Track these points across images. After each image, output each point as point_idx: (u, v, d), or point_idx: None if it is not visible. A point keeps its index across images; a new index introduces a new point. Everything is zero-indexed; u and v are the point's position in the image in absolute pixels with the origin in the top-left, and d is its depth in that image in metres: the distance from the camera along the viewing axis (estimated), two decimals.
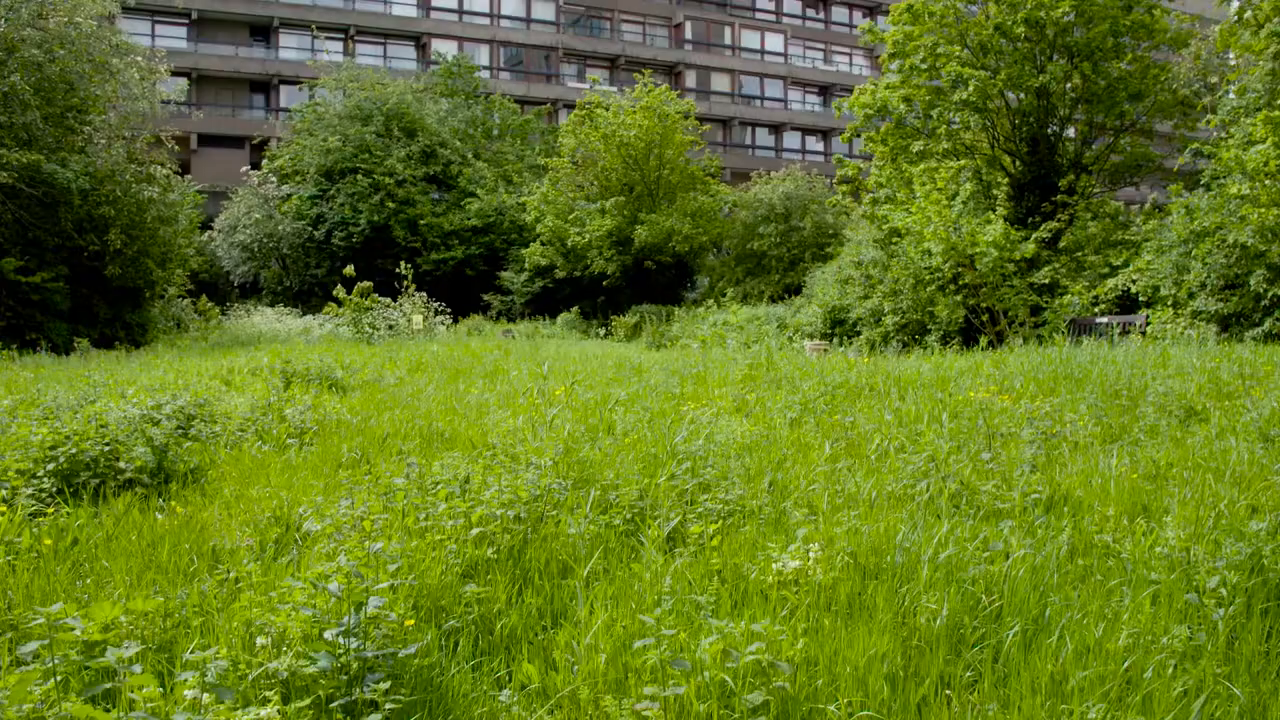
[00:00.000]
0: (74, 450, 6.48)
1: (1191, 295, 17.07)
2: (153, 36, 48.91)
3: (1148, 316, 17.65)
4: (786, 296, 31.11)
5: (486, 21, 58.42)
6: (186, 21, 52.29)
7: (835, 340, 22.25)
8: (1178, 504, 5.57)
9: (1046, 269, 20.05)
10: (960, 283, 19.71)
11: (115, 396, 9.63)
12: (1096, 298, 19.10)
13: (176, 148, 27.87)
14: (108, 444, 6.68)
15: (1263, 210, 15.04)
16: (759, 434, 8.01)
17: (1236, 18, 19.48)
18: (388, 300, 27.38)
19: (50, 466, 6.33)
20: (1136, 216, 22.27)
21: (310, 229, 38.36)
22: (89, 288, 23.55)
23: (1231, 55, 20.56)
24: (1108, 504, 5.71)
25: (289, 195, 39.46)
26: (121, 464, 6.60)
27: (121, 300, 24.50)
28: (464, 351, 18.02)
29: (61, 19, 22.73)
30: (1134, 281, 18.74)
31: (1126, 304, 19.02)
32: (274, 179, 40.09)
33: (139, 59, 25.78)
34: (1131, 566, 4.61)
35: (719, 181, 38.21)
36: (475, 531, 4.89)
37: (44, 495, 6.04)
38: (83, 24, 23.04)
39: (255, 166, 42.08)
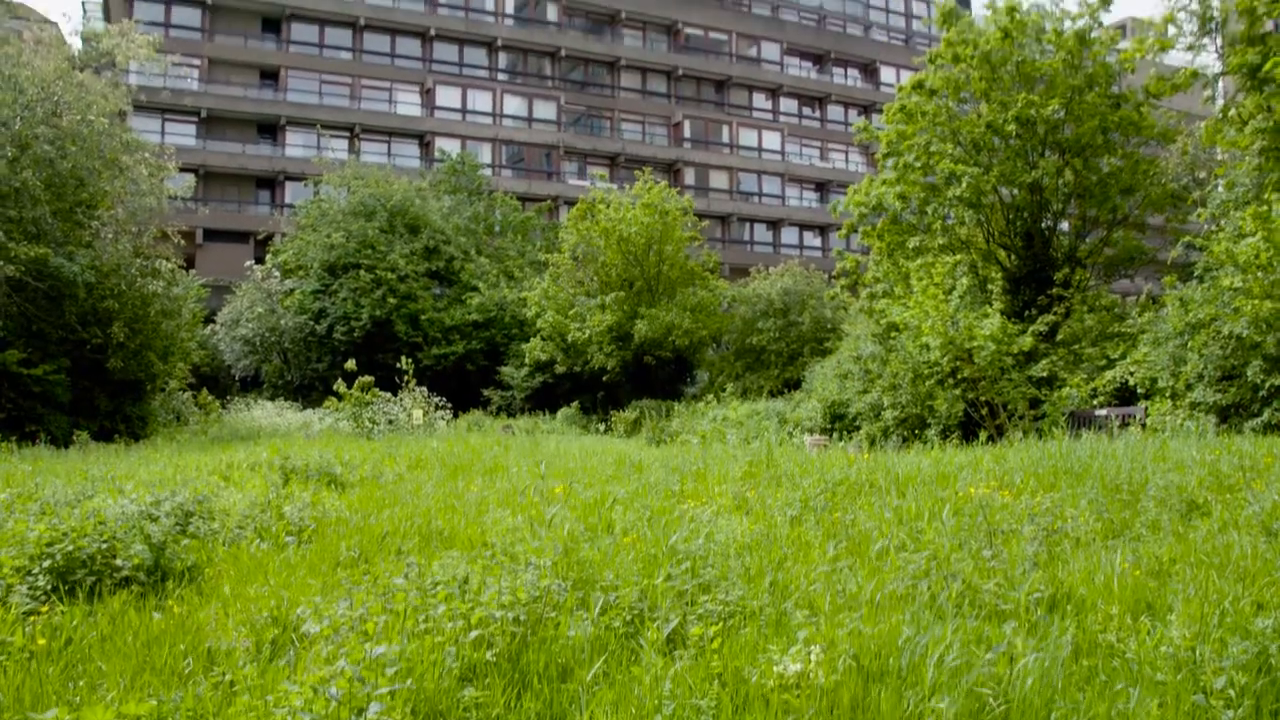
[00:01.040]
0: (71, 547, 6.45)
1: (1189, 386, 17.12)
2: (162, 134, 49.91)
3: (1146, 408, 17.66)
4: (786, 391, 31.15)
5: (489, 121, 59.64)
6: (196, 119, 53.39)
7: (835, 435, 22.22)
8: (1182, 601, 5.53)
9: (1044, 362, 20.13)
10: (959, 376, 19.78)
11: (114, 492, 9.60)
12: (1095, 390, 19.14)
13: (182, 242, 28.22)
14: (105, 541, 6.65)
15: (1256, 302, 15.18)
16: (759, 532, 7.97)
17: (1221, 115, 19.90)
18: (388, 395, 27.42)
19: (46, 564, 6.30)
20: (1132, 308, 22.43)
21: (312, 323, 38.62)
22: (90, 380, 23.63)
23: (1218, 150, 20.96)
24: (1111, 602, 5.67)
25: (292, 290, 39.81)
26: (118, 561, 6.56)
27: (122, 393, 24.56)
28: (464, 447, 18.00)
29: (75, 117, 23.22)
30: (1132, 373, 18.80)
31: (1125, 395, 19.05)
32: (277, 274, 40.50)
33: (148, 156, 26.29)
34: (1137, 667, 4.56)
35: (718, 277, 38.56)
36: (474, 634, 4.84)
37: (39, 593, 6.00)
38: (95, 122, 23.52)
39: (259, 261, 42.55)
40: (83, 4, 57.37)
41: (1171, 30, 19.86)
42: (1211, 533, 7.33)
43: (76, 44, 31.88)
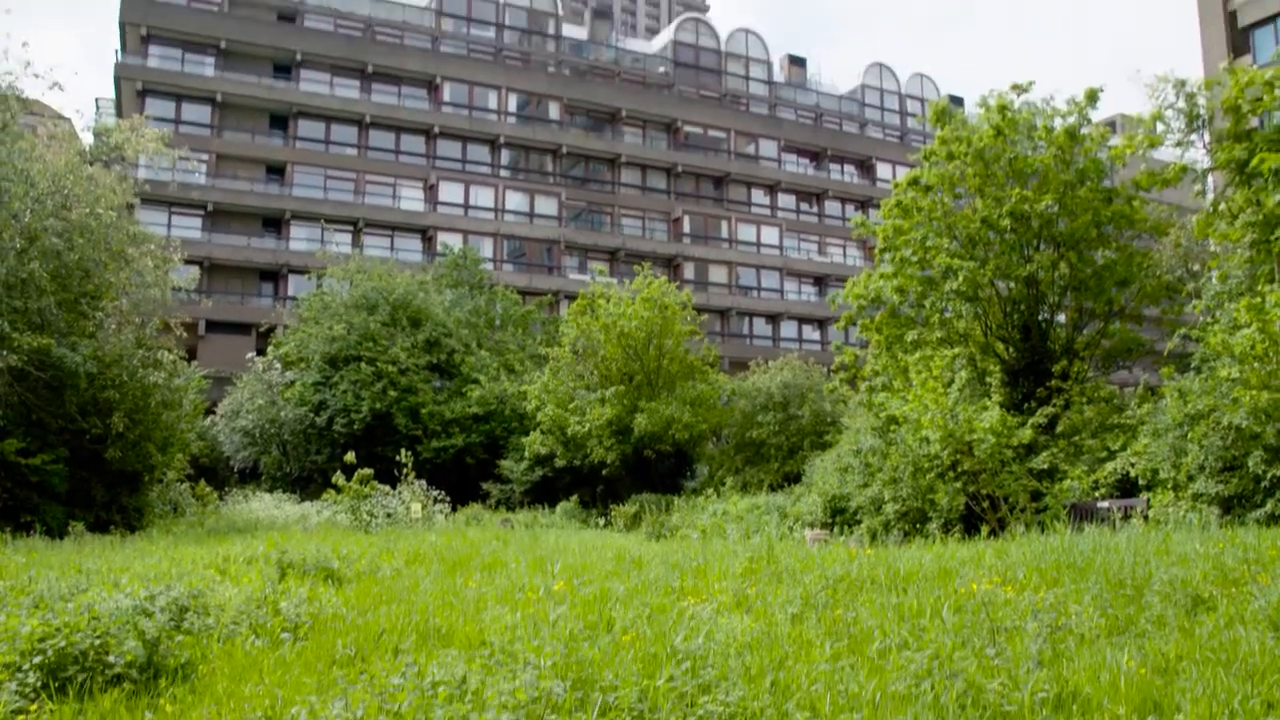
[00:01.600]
0: (63, 643, 6.38)
1: (1191, 478, 17.06)
2: (169, 226, 50.63)
3: (1148, 500, 17.57)
4: (786, 485, 31.01)
5: (491, 216, 60.51)
6: (202, 212, 54.20)
7: (836, 529, 22.06)
8: (1189, 701, 5.45)
9: (1045, 454, 20.09)
10: (959, 469, 19.72)
11: (108, 585, 9.51)
12: (1096, 482, 19.07)
13: (184, 334, 28.39)
14: (98, 637, 6.58)
15: (1254, 393, 15.22)
16: (760, 631, 7.88)
17: (1212, 208, 20.21)
18: (387, 488, 27.30)
19: (37, 660, 6.22)
20: (1131, 400, 22.46)
21: (312, 415, 38.62)
22: (88, 470, 23.54)
23: (1211, 242, 21.24)
24: (1117, 701, 5.58)
25: (292, 382, 39.91)
26: (111, 658, 6.48)
27: (120, 484, 24.45)
28: (462, 542, 17.86)
29: (84, 210, 23.55)
30: (1133, 465, 18.75)
31: (1126, 487, 18.97)
32: (278, 365, 40.64)
33: (154, 248, 26.58)
34: None
35: (717, 371, 38.68)
36: None
37: (28, 690, 5.91)
38: (103, 214, 23.85)
39: (261, 353, 42.75)
40: (96, 101, 58.69)
41: (1160, 127, 20.29)
42: (1218, 628, 7.24)
43: (88, 139, 32.50)
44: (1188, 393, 17.35)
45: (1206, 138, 20.23)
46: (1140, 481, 18.40)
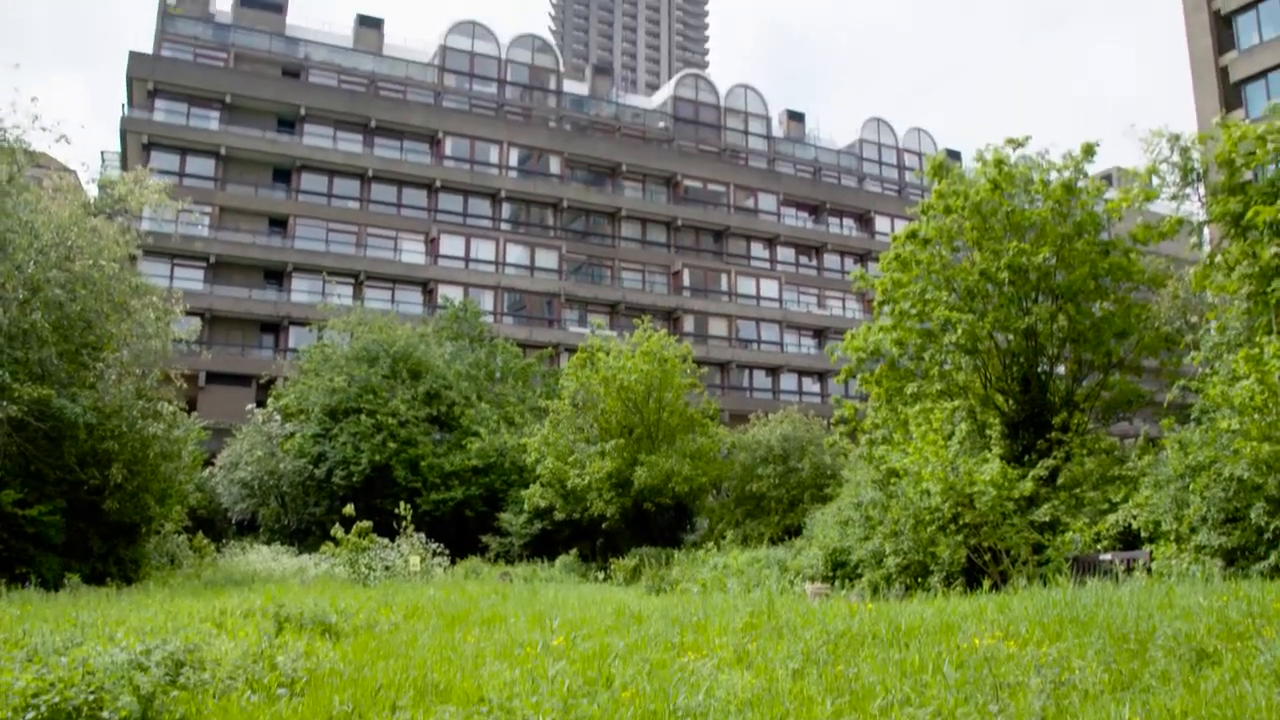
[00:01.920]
0: (57, 699, 6.32)
1: (1193, 530, 16.96)
2: (171, 278, 50.94)
3: (1151, 552, 17.47)
4: (786, 538, 30.83)
5: (491, 269, 60.84)
6: (205, 264, 54.50)
7: (837, 583, 21.90)
8: None
9: (1046, 506, 20.00)
10: (960, 522, 19.61)
11: (103, 639, 9.44)
12: (1098, 534, 18.97)
13: (184, 385, 28.39)
14: (93, 692, 6.52)
15: (1255, 444, 15.19)
16: (760, 687, 7.80)
17: (1208, 261, 20.31)
18: (385, 540, 27.15)
19: (30, 716, 6.16)
20: (1132, 451, 22.39)
21: (311, 467, 38.51)
22: (85, 521, 23.42)
23: (1208, 293, 21.31)
24: None
25: (292, 433, 39.84)
26: (105, 714, 6.42)
27: (117, 535, 24.31)
28: (461, 595, 17.74)
29: (87, 261, 23.65)
30: (1134, 517, 18.66)
31: (1129, 539, 18.86)
32: (278, 417, 40.60)
33: (156, 300, 26.65)
34: None
35: (717, 424, 38.62)
36: None
37: None
38: (106, 266, 23.95)
39: (261, 404, 42.73)
40: (101, 153, 59.29)
41: (1155, 181, 20.44)
42: (1223, 683, 7.17)
43: (93, 191, 32.74)
44: (1188, 444, 17.32)
45: (1202, 191, 20.40)
46: (1142, 534, 18.31)
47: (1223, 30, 45.80)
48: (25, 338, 21.94)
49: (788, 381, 68.50)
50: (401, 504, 28.76)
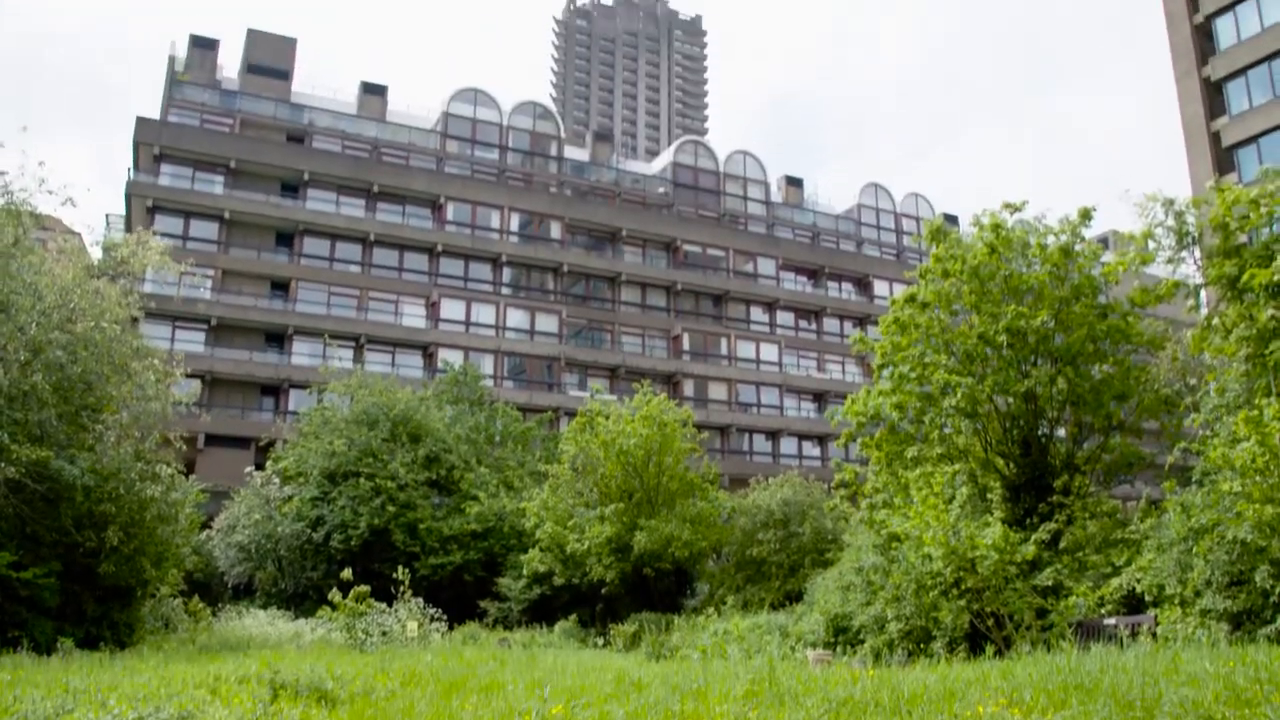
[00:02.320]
0: None
1: (1198, 593, 16.81)
2: (172, 340, 51.13)
3: (1156, 616, 17.30)
4: (788, 603, 30.55)
5: (492, 333, 61.07)
6: (206, 327, 54.69)
7: (839, 649, 21.67)
8: None
9: (1049, 570, 19.85)
10: (963, 587, 19.46)
11: (95, 705, 9.32)
12: (1102, 598, 18.80)
13: (183, 447, 28.33)
14: None
15: (1257, 506, 15.12)
16: None
17: (1206, 323, 20.38)
18: (383, 605, 26.90)
19: None
20: (1134, 514, 22.26)
21: (309, 531, 38.28)
22: (80, 584, 23.21)
23: (1207, 355, 21.36)
24: None
25: (290, 497, 39.67)
26: None
27: (111, 598, 24.08)
28: (459, 662, 17.54)
29: (89, 323, 23.73)
30: (1138, 580, 18.51)
31: (1133, 603, 18.69)
32: (277, 480, 40.45)
33: (156, 362, 26.68)
34: None
35: (717, 488, 38.47)
36: None
37: None
38: (107, 328, 24.02)
39: (260, 467, 42.61)
40: (106, 216, 59.80)
41: (1151, 245, 20.60)
42: None
43: (97, 253, 32.96)
44: (1190, 507, 17.24)
45: (1197, 254, 20.54)
46: (1146, 597, 18.15)
47: (1214, 96, 46.54)
48: (25, 399, 21.93)
49: (788, 445, 68.37)
50: (400, 568, 28.54)
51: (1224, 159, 45.17)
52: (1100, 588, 19.14)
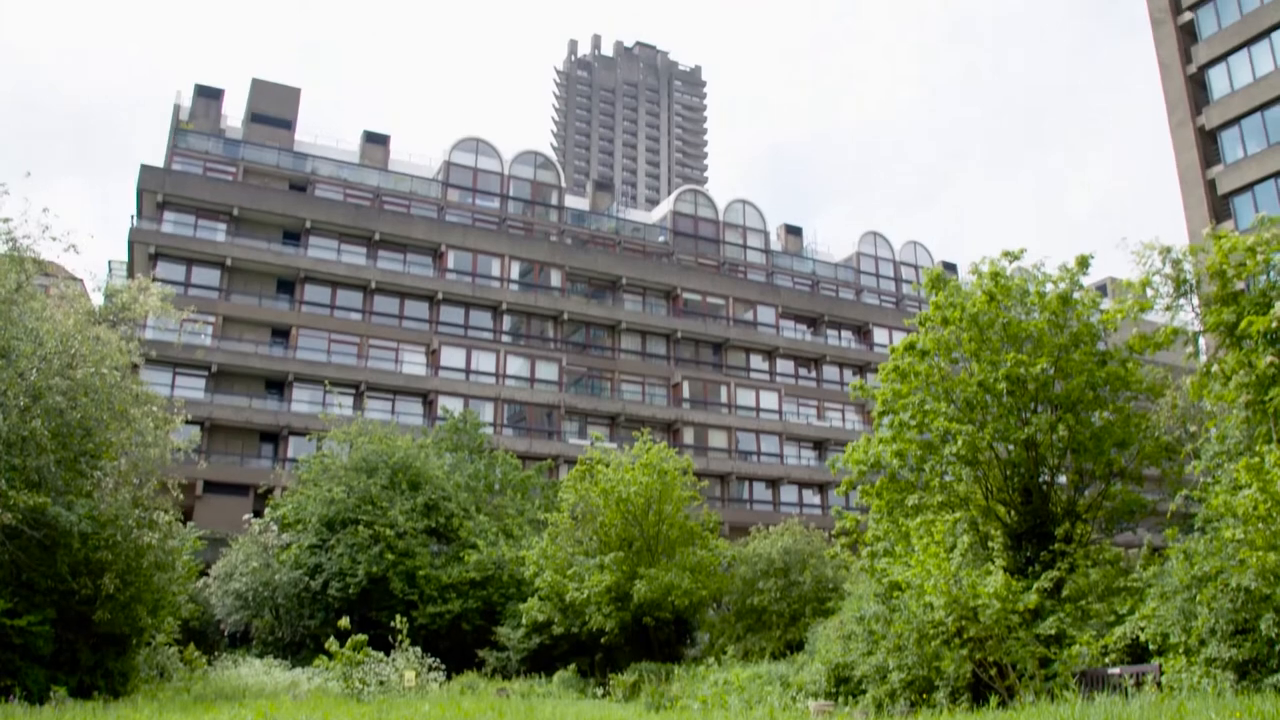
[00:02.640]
0: None
1: (1203, 642, 16.67)
2: (172, 386, 51.16)
3: (1160, 665, 17.14)
4: (788, 652, 30.30)
5: (492, 381, 61.12)
6: (206, 373, 54.74)
7: (840, 699, 21.45)
8: None
9: (1052, 619, 19.70)
10: (965, 636, 19.31)
11: None
12: (1106, 647, 18.64)
13: (181, 495, 28.22)
14: None
15: (1261, 554, 15.05)
16: None
17: (1205, 370, 20.40)
18: (380, 654, 26.68)
19: None
20: (1137, 562, 22.13)
21: (307, 579, 38.02)
22: (75, 632, 22.99)
23: (1206, 402, 21.35)
24: None
25: (288, 544, 39.45)
26: None
27: (106, 646, 23.85)
28: (456, 712, 17.38)
29: (89, 369, 23.73)
30: (1142, 629, 18.36)
31: (1137, 652, 18.53)
32: (274, 527, 40.25)
33: (156, 409, 26.66)
34: None
35: (717, 536, 38.28)
36: None
37: None
38: (107, 374, 24.02)
39: (258, 514, 42.46)
40: (109, 262, 60.07)
41: (1149, 292, 20.68)
42: None
43: (98, 299, 33.07)
44: (1193, 554, 17.16)
45: (1195, 301, 20.61)
46: (1150, 646, 18.00)
47: (1208, 144, 47.02)
48: (24, 445, 21.87)
49: (788, 493, 68.14)
50: (398, 617, 28.35)
51: (1220, 206, 45.54)
52: (1104, 636, 19.00)
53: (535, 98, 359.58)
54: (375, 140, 71.08)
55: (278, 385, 57.23)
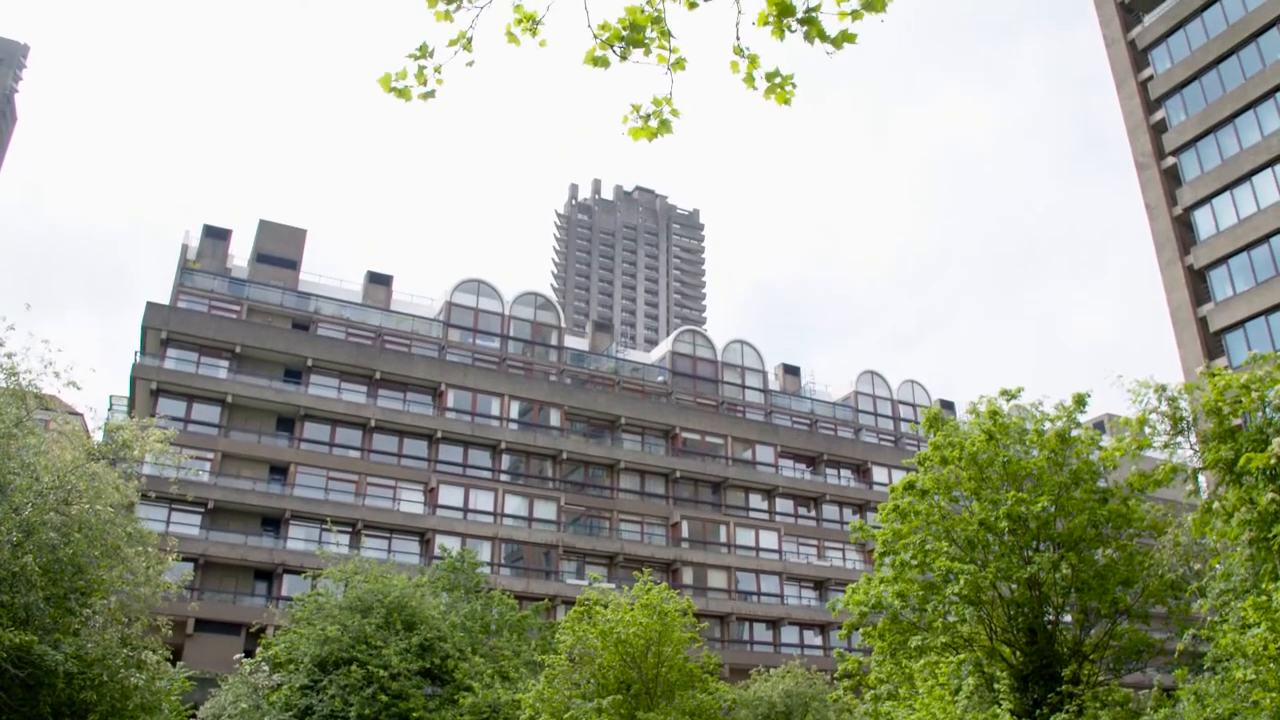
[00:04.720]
0: None
1: None
2: (168, 522, 50.77)
3: None
4: None
5: (490, 520, 60.69)
6: (202, 510, 54.35)
7: None
8: None
9: None
10: None
11: None
12: None
13: (171, 634, 27.72)
14: None
15: (1274, 694, 14.78)
16: None
17: (1206, 508, 20.33)
18: None
19: None
20: (1147, 703, 21.59)
21: None
22: None
23: (1209, 539, 21.20)
24: None
25: (279, 685, 38.50)
26: None
27: None
28: None
29: (84, 505, 23.60)
30: None
31: None
32: (266, 667, 39.34)
33: (149, 548, 26.40)
34: None
35: (717, 678, 37.43)
36: None
37: None
38: (103, 511, 23.87)
39: (249, 654, 41.54)
40: (110, 398, 60.31)
41: (1146, 430, 20.77)
42: None
43: (98, 436, 33.11)
44: (1205, 695, 16.85)
45: (1193, 438, 20.69)
46: None
47: (1198, 283, 47.83)
48: (14, 581, 21.58)
49: (789, 634, 66.83)
50: None
51: (1213, 343, 46.04)
52: None
53: (536, 239, 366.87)
54: (378, 280, 72.21)
55: (274, 522, 56.76)
